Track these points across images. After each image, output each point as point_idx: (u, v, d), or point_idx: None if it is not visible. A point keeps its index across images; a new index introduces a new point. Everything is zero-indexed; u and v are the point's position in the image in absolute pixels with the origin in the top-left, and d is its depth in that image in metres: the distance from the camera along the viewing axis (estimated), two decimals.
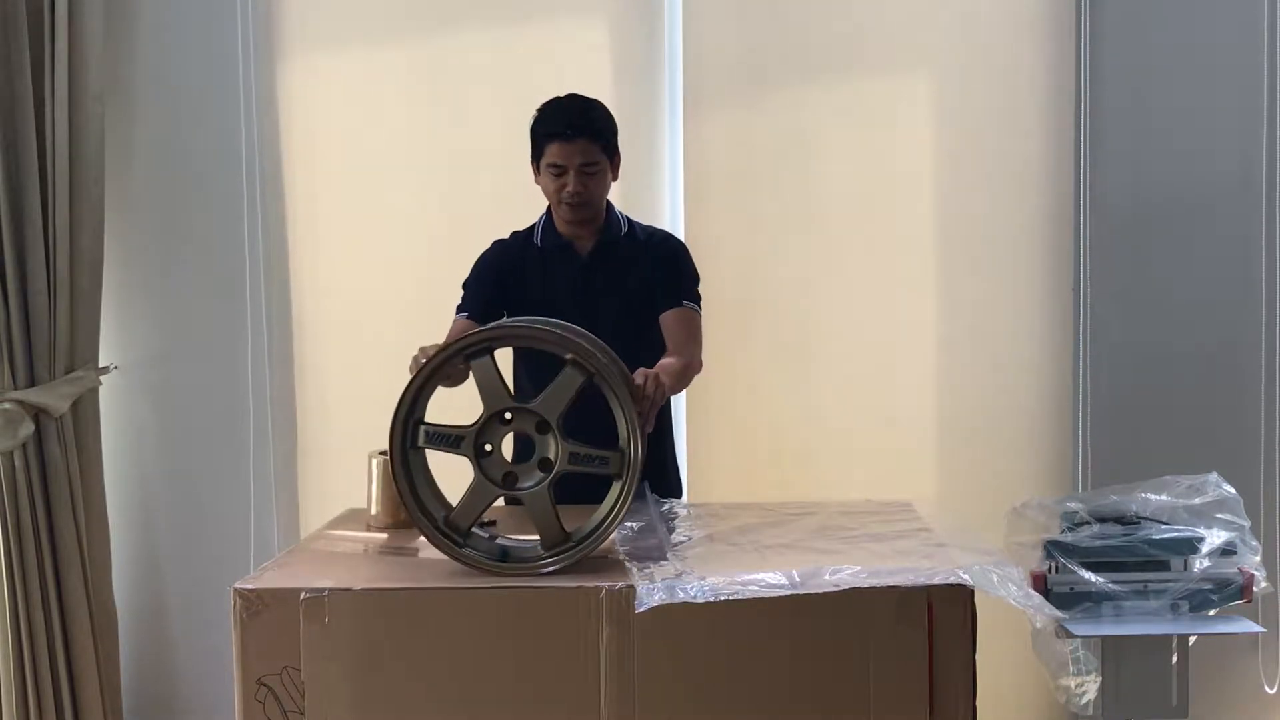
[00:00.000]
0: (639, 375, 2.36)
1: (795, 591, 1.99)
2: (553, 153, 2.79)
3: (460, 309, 2.86)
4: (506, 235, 2.98)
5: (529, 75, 3.48)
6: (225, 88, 3.56)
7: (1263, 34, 3.43)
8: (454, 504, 2.22)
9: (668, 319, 2.86)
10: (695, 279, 2.94)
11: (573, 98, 2.87)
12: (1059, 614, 2.20)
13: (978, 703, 2.08)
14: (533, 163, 2.87)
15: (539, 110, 2.85)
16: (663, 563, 2.15)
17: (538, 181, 2.87)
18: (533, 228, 2.94)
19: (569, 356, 2.17)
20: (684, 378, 2.79)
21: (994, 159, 3.52)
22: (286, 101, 3.60)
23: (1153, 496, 2.59)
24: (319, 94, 3.60)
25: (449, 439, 2.18)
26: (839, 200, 3.54)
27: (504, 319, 2.58)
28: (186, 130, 3.59)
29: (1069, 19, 3.46)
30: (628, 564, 2.14)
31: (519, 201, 3.11)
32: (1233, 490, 2.57)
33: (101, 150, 3.45)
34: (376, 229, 3.60)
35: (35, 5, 3.34)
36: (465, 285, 2.92)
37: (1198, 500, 2.57)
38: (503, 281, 2.88)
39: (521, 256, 2.91)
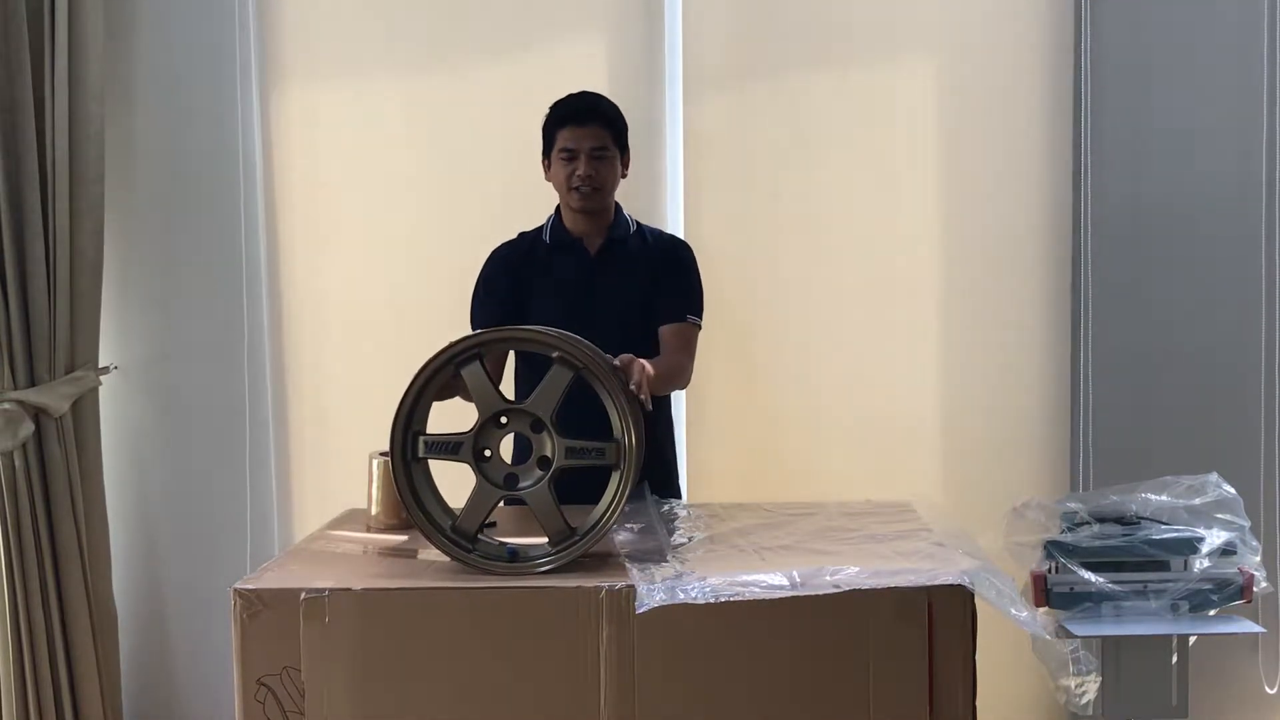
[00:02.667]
0: (620, 359, 2.36)
1: (795, 593, 2.00)
2: (565, 137, 2.84)
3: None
4: (500, 244, 2.99)
5: (528, 81, 3.47)
6: (225, 88, 3.55)
7: (1263, 34, 3.43)
8: (457, 509, 2.24)
9: (666, 332, 2.89)
10: (701, 291, 2.96)
11: (584, 91, 2.94)
12: (1044, 633, 2.19)
13: (978, 703, 2.08)
14: (544, 159, 2.90)
15: (551, 106, 2.89)
16: (663, 564, 2.15)
17: (548, 178, 2.89)
18: (540, 228, 2.96)
19: (555, 354, 2.19)
20: (667, 381, 2.78)
21: (994, 158, 3.52)
22: (286, 101, 3.60)
23: (1153, 496, 2.59)
24: (318, 94, 3.60)
25: (448, 447, 2.21)
26: (839, 200, 3.54)
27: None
28: (186, 130, 3.59)
29: (1069, 18, 3.46)
30: (628, 565, 2.14)
31: (517, 203, 3.11)
32: (1233, 490, 2.57)
33: (101, 150, 3.45)
34: (375, 229, 3.60)
35: (35, 5, 3.34)
36: (474, 309, 2.93)
37: (1198, 500, 2.57)
38: (514, 281, 2.90)
39: (529, 254, 2.93)
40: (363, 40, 3.58)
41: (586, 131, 2.83)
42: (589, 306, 2.85)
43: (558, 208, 2.95)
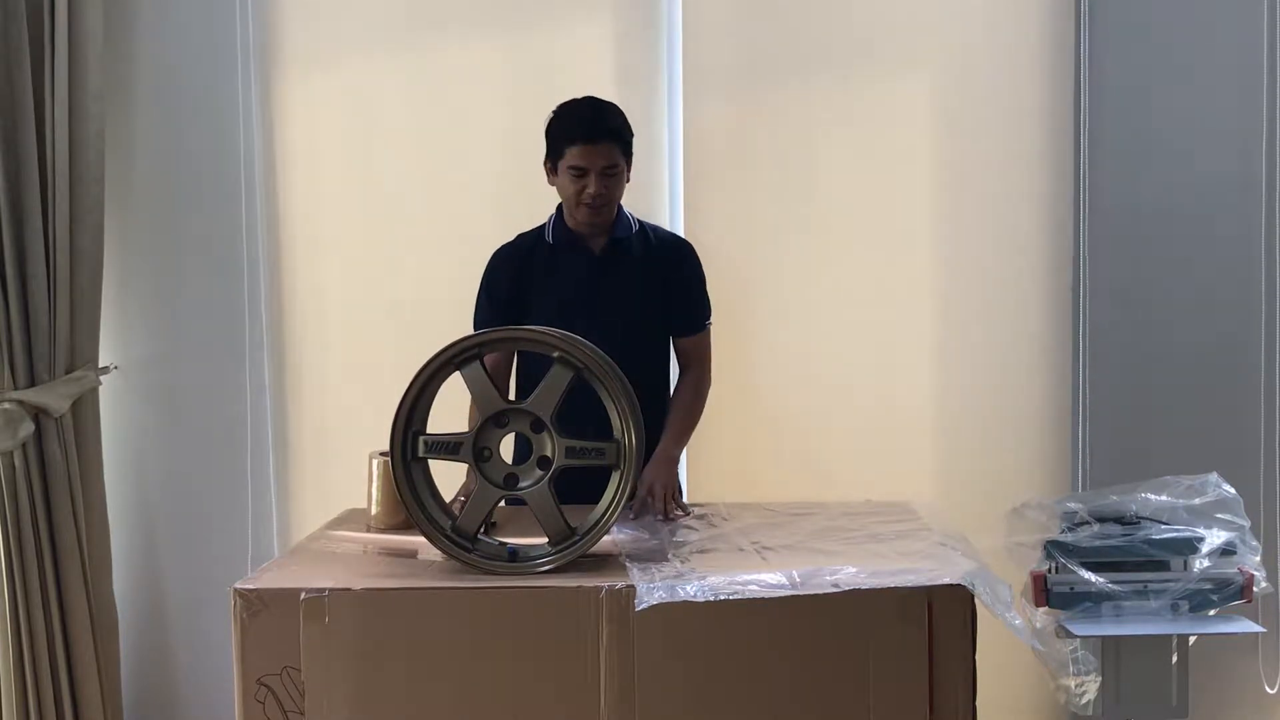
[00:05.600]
0: (643, 487, 2.61)
1: (795, 592, 2.00)
2: (574, 155, 2.78)
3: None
4: (501, 243, 2.99)
5: (529, 77, 3.48)
6: (225, 87, 3.55)
7: (1263, 34, 3.43)
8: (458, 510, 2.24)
9: (687, 344, 2.98)
10: (707, 292, 3.01)
11: (592, 100, 2.88)
12: (1036, 643, 2.18)
13: (978, 703, 2.08)
14: (548, 163, 2.86)
15: (556, 112, 2.85)
16: (663, 563, 2.15)
17: (552, 182, 2.87)
18: (542, 227, 2.95)
19: (555, 354, 2.19)
20: (697, 411, 2.96)
21: (993, 158, 3.52)
22: (286, 101, 3.60)
23: (1153, 496, 2.59)
24: (318, 94, 3.60)
25: (448, 447, 2.21)
26: (839, 200, 3.53)
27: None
28: (186, 130, 3.59)
29: (1069, 19, 3.46)
30: (628, 565, 2.14)
31: (518, 202, 3.12)
32: (1233, 490, 2.57)
33: (101, 150, 3.45)
34: (375, 228, 3.60)
35: (35, 5, 3.34)
36: (477, 310, 2.93)
37: (1198, 500, 2.56)
38: (517, 281, 2.90)
39: (531, 255, 2.92)
40: (363, 40, 3.58)
41: (598, 150, 2.78)
42: (594, 306, 2.85)
43: (559, 207, 2.94)
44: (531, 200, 3.01)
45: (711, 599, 1.99)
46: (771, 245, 3.54)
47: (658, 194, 3.52)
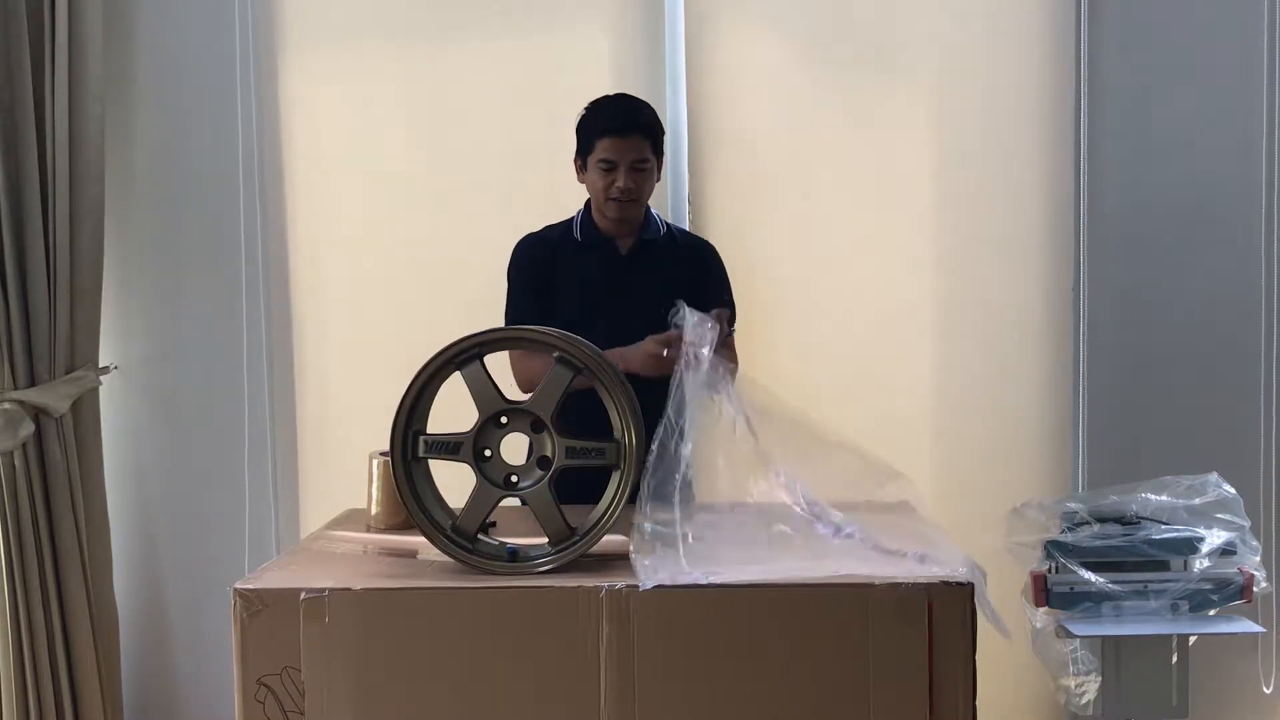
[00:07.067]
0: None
1: (795, 578, 2.00)
2: (605, 148, 2.80)
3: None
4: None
5: (530, 76, 3.48)
6: (225, 88, 3.56)
7: (1263, 34, 3.43)
8: (457, 509, 2.24)
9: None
10: (732, 294, 3.02)
11: (623, 95, 2.92)
12: (1008, 633, 2.17)
13: (978, 703, 2.08)
14: (578, 159, 2.88)
15: (588, 107, 2.87)
16: (667, 550, 2.15)
17: (581, 179, 2.88)
18: (570, 222, 2.95)
19: (555, 354, 2.19)
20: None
21: (994, 158, 3.52)
22: (286, 101, 3.60)
23: (1153, 496, 2.59)
24: (319, 94, 3.60)
25: (448, 446, 2.20)
26: (839, 200, 3.54)
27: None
28: (186, 130, 3.59)
29: (1069, 19, 3.46)
30: (631, 554, 2.14)
31: (520, 201, 3.11)
32: (1233, 490, 2.57)
33: (101, 150, 3.45)
34: (376, 228, 3.60)
35: (35, 5, 3.34)
36: (510, 301, 2.92)
37: (1198, 500, 2.56)
38: (540, 274, 2.89)
39: (557, 249, 2.92)
40: (363, 37, 3.58)
41: (628, 144, 2.80)
42: (621, 307, 2.84)
43: (587, 203, 2.94)
44: (534, 196, 3.01)
45: (713, 582, 2.00)
46: (772, 245, 3.54)
47: (660, 196, 3.52)
